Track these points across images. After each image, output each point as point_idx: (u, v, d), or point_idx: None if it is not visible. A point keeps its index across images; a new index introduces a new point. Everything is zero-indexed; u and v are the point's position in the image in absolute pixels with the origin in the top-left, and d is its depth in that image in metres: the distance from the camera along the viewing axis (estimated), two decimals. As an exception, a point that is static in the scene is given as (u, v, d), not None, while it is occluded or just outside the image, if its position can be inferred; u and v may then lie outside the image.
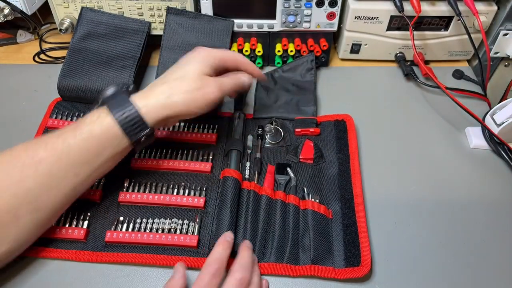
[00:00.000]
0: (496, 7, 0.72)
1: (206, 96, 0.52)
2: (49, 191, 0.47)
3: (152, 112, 0.50)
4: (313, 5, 0.71)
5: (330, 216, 0.56)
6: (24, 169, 0.46)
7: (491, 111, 0.66)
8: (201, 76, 0.53)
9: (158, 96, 0.51)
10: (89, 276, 0.51)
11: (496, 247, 0.55)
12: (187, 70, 0.53)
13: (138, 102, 0.50)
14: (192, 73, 0.52)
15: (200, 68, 0.53)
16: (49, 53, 0.80)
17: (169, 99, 0.51)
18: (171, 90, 0.51)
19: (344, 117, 0.66)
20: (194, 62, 0.54)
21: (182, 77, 0.52)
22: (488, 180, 0.62)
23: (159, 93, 0.51)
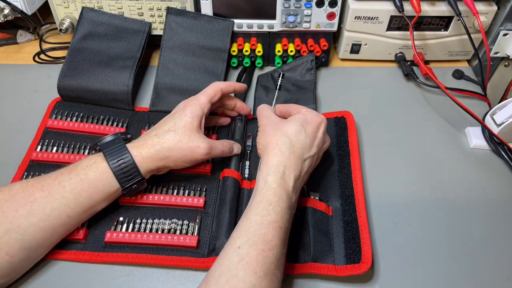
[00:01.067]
0: (496, 7, 0.72)
1: (195, 154, 0.54)
2: (42, 230, 0.48)
3: (145, 163, 0.52)
4: (313, 5, 0.71)
5: (331, 213, 0.56)
6: (19, 209, 0.47)
7: (491, 111, 0.66)
8: (192, 132, 0.54)
9: (150, 148, 0.53)
10: (88, 277, 0.51)
11: (496, 247, 0.55)
12: (178, 124, 0.55)
13: (133, 150, 0.52)
14: (185, 127, 0.54)
15: (190, 122, 0.55)
16: (49, 53, 0.80)
17: (160, 152, 0.53)
18: (161, 144, 0.53)
19: (344, 114, 0.66)
20: (184, 115, 0.55)
21: (173, 131, 0.54)
22: (488, 180, 0.62)
23: (151, 145, 0.53)
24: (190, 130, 0.54)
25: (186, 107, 0.56)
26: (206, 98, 0.57)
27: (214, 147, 0.56)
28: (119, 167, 0.51)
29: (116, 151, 0.52)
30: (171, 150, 0.53)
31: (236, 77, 0.76)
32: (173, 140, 0.53)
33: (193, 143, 0.54)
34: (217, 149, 0.56)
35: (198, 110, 0.56)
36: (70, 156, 0.61)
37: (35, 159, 0.61)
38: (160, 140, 0.53)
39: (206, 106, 0.57)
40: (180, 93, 0.69)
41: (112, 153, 0.51)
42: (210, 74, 0.72)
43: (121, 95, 0.68)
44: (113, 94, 0.68)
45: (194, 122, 0.55)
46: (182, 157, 0.54)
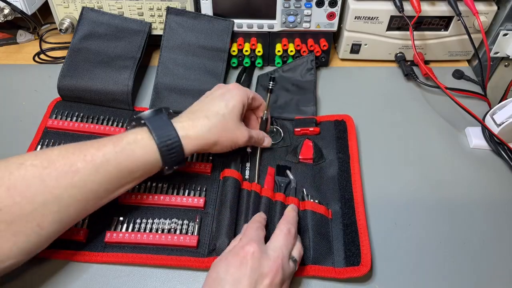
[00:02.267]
0: (496, 7, 0.72)
1: (235, 140, 0.55)
2: (77, 203, 0.46)
3: (191, 144, 0.51)
4: (313, 5, 0.71)
5: (330, 216, 0.56)
6: (60, 178, 0.44)
7: (491, 111, 0.66)
8: (238, 118, 0.55)
9: (198, 129, 0.52)
10: (88, 277, 0.51)
11: (496, 247, 0.55)
12: (229, 107, 0.54)
13: (180, 131, 0.51)
14: (233, 112, 0.54)
15: (239, 108, 0.55)
16: (49, 53, 0.80)
17: (208, 134, 0.52)
18: (211, 127, 0.52)
19: (344, 117, 0.66)
20: (235, 99, 0.55)
21: (223, 115, 0.53)
22: (488, 180, 0.62)
23: (200, 126, 0.52)
24: (237, 116, 0.54)
25: (234, 90, 0.56)
26: (253, 94, 0.59)
27: (251, 136, 0.57)
28: (167, 146, 0.49)
29: (163, 127, 0.50)
30: (220, 135, 0.53)
31: (236, 77, 0.76)
32: (222, 124, 0.53)
33: (238, 130, 0.54)
34: (253, 138, 0.58)
35: (244, 95, 0.56)
36: (70, 156, 0.61)
37: (35, 159, 0.61)
38: (210, 123, 0.52)
39: (250, 99, 0.58)
40: (180, 93, 0.69)
41: (159, 129, 0.49)
42: (210, 74, 0.72)
43: (121, 95, 0.68)
44: (113, 94, 0.68)
45: (240, 107, 0.55)
46: (228, 142, 0.54)
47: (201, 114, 0.53)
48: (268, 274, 0.43)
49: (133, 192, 0.57)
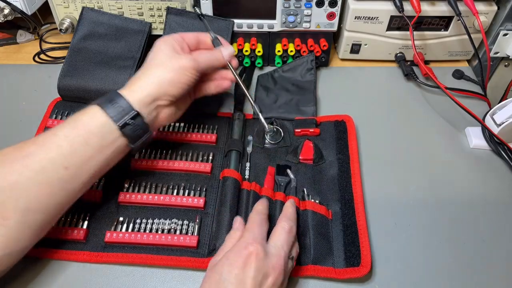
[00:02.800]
0: (496, 7, 0.72)
1: (182, 66, 0.54)
2: (38, 187, 0.45)
3: (140, 101, 0.51)
4: (313, 5, 0.71)
5: (330, 217, 0.56)
6: (13, 164, 0.44)
7: (491, 111, 0.66)
8: (171, 53, 0.54)
9: (141, 84, 0.52)
10: (88, 277, 0.51)
11: (496, 247, 0.55)
12: (158, 55, 0.55)
13: (126, 94, 0.51)
14: (163, 54, 0.54)
15: (167, 48, 0.55)
16: (49, 53, 0.80)
17: (153, 84, 0.52)
18: (150, 76, 0.53)
19: (344, 118, 0.66)
20: (160, 47, 0.55)
21: (156, 63, 0.54)
22: (488, 180, 0.62)
23: (141, 83, 0.53)
24: (169, 55, 0.54)
25: (161, 42, 0.56)
26: (180, 34, 0.58)
27: (198, 55, 0.56)
28: (113, 108, 0.49)
29: (107, 97, 0.51)
30: (161, 74, 0.53)
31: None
32: (159, 68, 0.53)
33: (175, 58, 0.54)
34: (202, 56, 0.57)
35: (170, 38, 0.57)
36: (70, 156, 0.61)
37: (35, 159, 0.61)
38: (148, 73, 0.53)
39: (179, 37, 0.57)
40: (180, 93, 0.69)
41: (104, 99, 0.50)
42: (210, 74, 0.72)
43: (121, 95, 0.68)
44: (113, 94, 0.68)
45: (170, 45, 0.55)
46: (174, 74, 0.53)
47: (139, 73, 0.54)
48: (271, 273, 0.43)
49: (133, 192, 0.57)
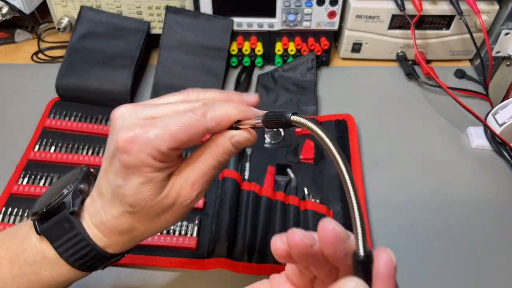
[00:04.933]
0: (498, 6, 0.72)
1: (177, 212, 0.35)
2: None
3: (111, 249, 0.36)
4: (314, 3, 0.71)
5: (331, 216, 0.56)
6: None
7: (493, 110, 0.66)
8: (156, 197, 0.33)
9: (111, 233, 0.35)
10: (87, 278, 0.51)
11: (499, 248, 0.54)
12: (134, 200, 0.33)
13: (93, 236, 0.35)
14: (144, 203, 0.33)
15: (148, 193, 0.33)
16: (48, 52, 0.80)
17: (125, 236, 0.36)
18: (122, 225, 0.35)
19: (345, 117, 0.66)
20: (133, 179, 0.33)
21: (131, 213, 0.34)
22: (490, 180, 0.62)
23: (111, 228, 0.35)
24: (155, 200, 0.33)
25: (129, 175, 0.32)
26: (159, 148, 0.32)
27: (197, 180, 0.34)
28: (82, 262, 0.35)
29: (73, 244, 0.35)
30: (138, 232, 0.36)
31: (236, 76, 0.76)
32: (137, 223, 0.35)
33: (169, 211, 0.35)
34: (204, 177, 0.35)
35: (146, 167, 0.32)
36: (68, 156, 0.61)
37: (33, 159, 0.61)
38: (118, 222, 0.35)
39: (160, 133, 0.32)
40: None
41: (68, 250, 0.35)
42: (209, 73, 0.71)
43: (120, 94, 0.68)
44: (111, 94, 0.68)
45: (153, 192, 0.33)
46: (165, 226, 0.36)
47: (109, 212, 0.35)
48: None
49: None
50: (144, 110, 0.34)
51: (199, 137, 0.33)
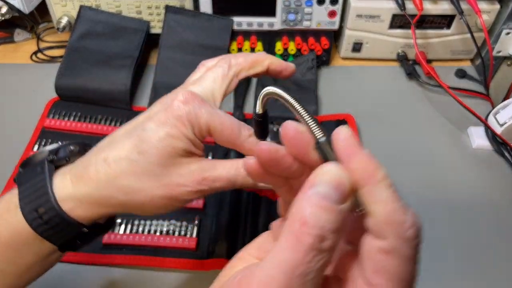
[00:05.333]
0: (498, 5, 0.72)
1: (173, 197, 0.33)
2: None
3: (80, 209, 0.32)
4: (314, 3, 0.70)
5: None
6: None
7: (494, 110, 0.65)
8: (168, 159, 0.32)
9: (90, 184, 0.32)
10: (86, 278, 0.51)
11: (499, 248, 0.54)
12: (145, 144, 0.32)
13: (60, 187, 0.32)
14: (152, 153, 0.32)
15: (167, 145, 0.32)
16: (47, 52, 0.79)
17: (107, 194, 0.32)
18: (111, 180, 0.32)
19: (345, 117, 0.66)
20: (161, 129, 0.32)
21: (134, 159, 0.32)
22: (491, 180, 0.61)
23: (93, 180, 0.32)
24: (166, 157, 0.32)
25: (170, 108, 0.33)
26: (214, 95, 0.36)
27: (211, 179, 0.33)
28: (40, 219, 0.32)
29: (33, 191, 0.32)
30: (131, 191, 0.32)
31: (236, 76, 0.75)
32: (135, 174, 0.32)
33: (171, 179, 0.32)
34: (217, 182, 0.34)
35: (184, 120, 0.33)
36: (68, 156, 0.61)
37: (32, 160, 0.60)
38: (111, 172, 0.32)
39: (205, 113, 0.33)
40: (179, 93, 0.69)
41: (28, 196, 0.32)
42: (209, 73, 0.71)
43: (119, 94, 0.67)
44: (111, 94, 0.67)
45: (175, 144, 0.32)
46: (151, 202, 0.33)
47: (102, 155, 0.33)
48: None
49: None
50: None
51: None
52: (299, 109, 0.24)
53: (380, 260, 0.20)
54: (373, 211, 0.20)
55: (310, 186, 0.20)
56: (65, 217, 0.32)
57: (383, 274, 0.20)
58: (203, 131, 0.33)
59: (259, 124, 0.33)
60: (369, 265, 0.20)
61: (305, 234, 0.19)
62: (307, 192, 0.20)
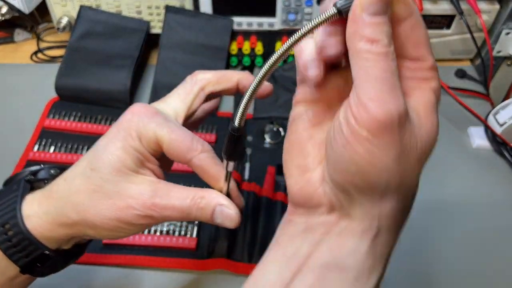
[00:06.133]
0: (498, 5, 0.72)
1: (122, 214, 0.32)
2: None
3: (44, 229, 0.32)
4: (314, 3, 0.71)
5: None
6: None
7: (494, 110, 0.65)
8: (121, 172, 0.32)
9: (50, 203, 0.33)
10: (86, 278, 0.51)
11: (498, 248, 0.54)
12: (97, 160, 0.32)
13: (27, 206, 0.33)
14: (107, 166, 0.32)
15: (119, 158, 0.32)
16: (47, 52, 0.79)
17: (63, 212, 0.32)
18: (66, 197, 0.32)
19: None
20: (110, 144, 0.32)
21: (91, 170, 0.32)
22: (491, 180, 0.61)
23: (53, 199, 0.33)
24: (116, 172, 0.32)
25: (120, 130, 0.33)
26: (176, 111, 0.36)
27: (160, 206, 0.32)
28: (5, 235, 0.32)
29: (4, 207, 0.33)
30: (82, 210, 0.32)
31: (236, 76, 0.75)
32: (86, 190, 0.32)
33: (120, 198, 0.31)
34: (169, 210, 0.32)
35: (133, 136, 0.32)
36: (68, 156, 0.61)
37: (32, 159, 0.60)
38: (67, 189, 0.33)
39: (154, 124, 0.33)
40: (179, 93, 0.69)
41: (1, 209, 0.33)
42: (209, 73, 0.71)
43: (120, 94, 0.67)
44: (111, 94, 0.67)
45: (123, 157, 0.32)
46: (102, 222, 0.32)
47: (63, 175, 0.34)
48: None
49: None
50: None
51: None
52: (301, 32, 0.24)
53: (415, 34, 0.24)
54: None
55: (361, 9, 0.22)
56: (28, 235, 0.32)
57: (421, 44, 0.25)
58: (151, 142, 0.33)
59: (234, 141, 0.28)
60: (408, 43, 0.24)
61: (378, 46, 0.22)
62: (362, 17, 0.22)
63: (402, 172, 0.24)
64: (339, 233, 0.25)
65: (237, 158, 0.30)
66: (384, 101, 0.22)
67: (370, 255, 0.25)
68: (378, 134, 0.22)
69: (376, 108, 0.22)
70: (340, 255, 0.24)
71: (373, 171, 0.23)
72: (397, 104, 0.22)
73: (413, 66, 0.25)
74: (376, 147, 0.22)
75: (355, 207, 0.24)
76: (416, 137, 0.24)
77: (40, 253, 0.33)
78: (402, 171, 0.24)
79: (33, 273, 0.34)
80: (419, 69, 0.25)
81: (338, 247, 0.25)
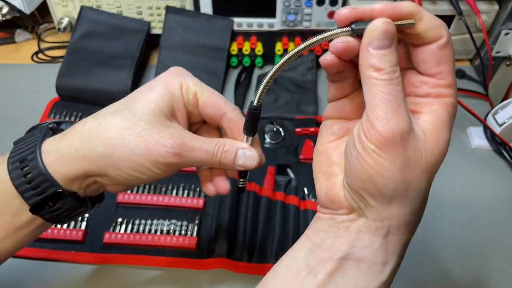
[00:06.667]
0: (497, 6, 0.72)
1: (152, 155, 0.32)
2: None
3: (60, 161, 0.32)
4: (314, 4, 0.71)
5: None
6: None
7: (493, 110, 0.66)
8: (154, 118, 0.33)
9: (74, 138, 0.33)
10: (87, 278, 0.51)
11: (497, 248, 0.54)
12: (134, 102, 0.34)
13: (46, 146, 0.33)
14: (142, 109, 0.33)
15: (157, 104, 0.33)
16: (48, 52, 0.80)
17: (89, 146, 0.32)
18: (95, 132, 0.33)
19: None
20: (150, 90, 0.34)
21: (122, 115, 0.33)
22: (490, 180, 0.62)
23: (77, 134, 0.33)
24: (153, 115, 0.33)
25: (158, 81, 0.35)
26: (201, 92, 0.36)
27: (189, 147, 0.33)
28: (21, 172, 0.32)
29: (23, 147, 0.34)
30: (111, 144, 0.32)
31: (236, 76, 0.76)
32: (118, 127, 0.32)
33: (152, 136, 0.32)
34: (196, 151, 0.34)
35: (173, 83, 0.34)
36: (69, 156, 0.61)
37: (33, 159, 0.61)
38: (96, 125, 0.33)
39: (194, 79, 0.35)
40: (180, 93, 0.69)
41: (17, 152, 0.33)
42: (209, 73, 0.71)
43: (120, 94, 0.66)
44: (111, 94, 0.68)
45: (164, 105, 0.33)
46: (129, 158, 0.32)
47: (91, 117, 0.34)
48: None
49: (132, 193, 0.57)
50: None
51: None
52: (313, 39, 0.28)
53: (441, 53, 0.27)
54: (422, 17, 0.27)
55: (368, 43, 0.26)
56: (43, 170, 0.32)
57: (444, 62, 0.27)
58: (191, 94, 0.35)
59: (254, 117, 0.33)
60: (431, 60, 0.27)
61: (382, 73, 0.26)
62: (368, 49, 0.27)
63: (408, 180, 0.27)
64: (357, 229, 0.29)
65: (254, 133, 0.35)
66: (388, 120, 0.26)
67: (382, 250, 0.29)
68: (384, 148, 0.26)
69: (381, 126, 0.26)
70: (357, 248, 0.28)
71: (381, 179, 0.27)
72: (399, 122, 0.26)
73: (431, 83, 0.28)
74: (382, 159, 0.26)
75: (369, 209, 0.28)
76: (420, 150, 0.28)
77: (52, 192, 0.33)
78: (407, 179, 0.27)
79: (42, 215, 0.34)
80: (437, 85, 0.28)
81: (355, 241, 0.29)
